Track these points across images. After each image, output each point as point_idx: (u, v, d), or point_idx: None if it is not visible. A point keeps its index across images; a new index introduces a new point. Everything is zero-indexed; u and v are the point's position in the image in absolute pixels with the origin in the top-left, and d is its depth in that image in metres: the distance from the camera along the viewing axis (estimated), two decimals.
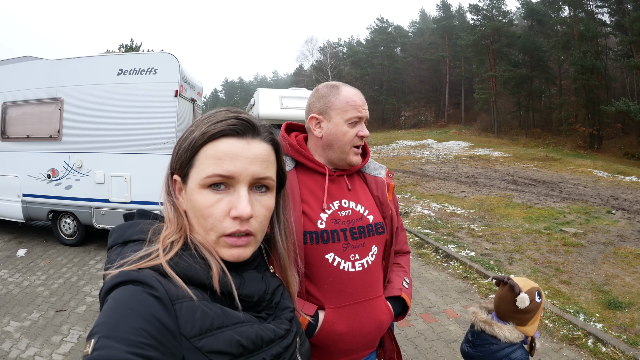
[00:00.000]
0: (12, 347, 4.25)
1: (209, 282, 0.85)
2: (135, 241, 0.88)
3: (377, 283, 1.69)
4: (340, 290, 1.58)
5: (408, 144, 36.73)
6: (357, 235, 1.62)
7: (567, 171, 20.49)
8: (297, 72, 74.01)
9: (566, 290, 5.78)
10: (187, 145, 0.90)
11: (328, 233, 1.58)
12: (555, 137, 37.74)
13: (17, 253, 7.19)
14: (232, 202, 0.88)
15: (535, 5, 43.03)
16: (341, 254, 1.58)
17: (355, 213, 1.66)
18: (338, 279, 1.58)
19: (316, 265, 1.57)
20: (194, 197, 0.89)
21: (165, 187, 0.96)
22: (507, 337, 1.96)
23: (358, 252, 1.61)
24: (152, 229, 0.90)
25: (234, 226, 0.88)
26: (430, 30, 62.35)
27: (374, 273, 1.67)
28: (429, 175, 19.12)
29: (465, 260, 6.84)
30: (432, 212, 11.06)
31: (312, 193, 1.64)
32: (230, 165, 0.88)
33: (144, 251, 0.84)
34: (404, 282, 1.80)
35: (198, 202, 0.88)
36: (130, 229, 0.91)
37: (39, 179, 7.59)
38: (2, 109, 7.81)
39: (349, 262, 1.59)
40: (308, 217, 1.58)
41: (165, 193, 0.96)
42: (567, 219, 10.20)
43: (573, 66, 35.69)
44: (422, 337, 4.57)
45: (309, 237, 1.56)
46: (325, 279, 1.57)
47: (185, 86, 7.48)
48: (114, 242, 0.90)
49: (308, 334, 1.53)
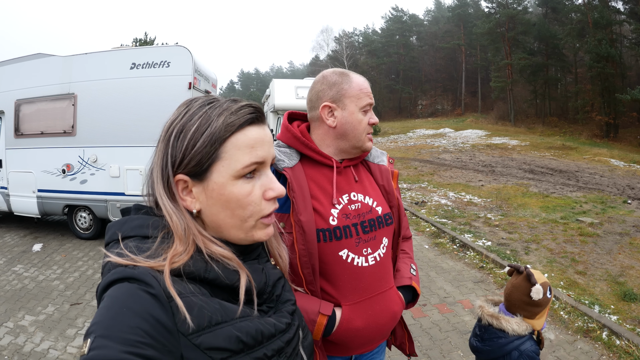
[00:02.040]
0: (27, 340, 4.28)
1: (207, 277, 0.83)
2: (131, 237, 0.85)
3: (388, 275, 1.67)
4: (355, 286, 1.56)
5: (425, 133, 36.78)
6: (368, 228, 1.60)
7: (583, 160, 20.35)
8: (313, 62, 73.72)
9: (582, 281, 5.70)
10: (207, 140, 0.86)
11: (341, 229, 1.54)
12: (571, 125, 37.23)
13: (33, 248, 7.26)
14: (265, 185, 0.91)
15: None
16: (354, 250, 1.56)
17: (365, 206, 1.62)
18: (353, 275, 1.55)
19: (330, 263, 1.53)
20: (227, 190, 0.87)
21: (166, 192, 0.88)
22: (515, 329, 1.94)
23: (370, 246, 1.59)
24: (150, 223, 0.87)
25: (271, 207, 0.93)
26: (445, 19, 61.54)
27: (385, 265, 1.65)
28: (446, 164, 19.10)
29: (481, 250, 6.77)
30: (449, 202, 11.04)
31: (321, 187, 1.59)
32: (262, 152, 0.90)
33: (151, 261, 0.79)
34: (412, 270, 1.79)
35: (236, 193, 0.88)
36: (127, 224, 0.88)
37: (54, 174, 7.67)
38: (16, 106, 7.89)
39: (362, 257, 1.57)
40: (319, 213, 1.54)
41: (167, 199, 0.87)
42: (583, 208, 10.11)
43: (588, 54, 35.01)
44: (437, 328, 4.52)
45: (321, 235, 1.52)
46: (340, 276, 1.55)
47: (199, 78, 7.49)
48: (111, 238, 0.88)
49: (326, 332, 1.51)
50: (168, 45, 7.39)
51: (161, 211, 0.88)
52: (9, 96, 8.00)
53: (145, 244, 0.83)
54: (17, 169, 8.02)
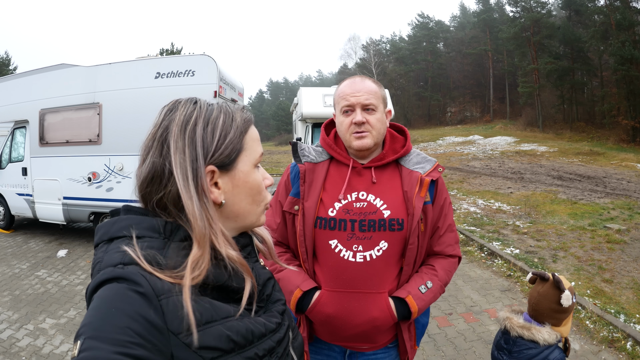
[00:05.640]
0: (46, 343, 4.32)
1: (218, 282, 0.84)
2: (120, 238, 0.84)
3: (380, 278, 1.66)
4: (337, 276, 1.65)
5: (455, 140, 36.81)
6: (365, 227, 1.65)
7: (611, 165, 20.08)
8: (342, 70, 73.80)
9: (608, 289, 5.56)
10: (236, 131, 0.92)
11: (336, 221, 1.66)
12: (599, 130, 36.65)
13: (58, 254, 7.36)
14: (263, 174, 1.00)
15: None
16: (344, 243, 1.65)
17: (371, 206, 1.67)
18: (337, 264, 1.65)
19: (320, 248, 1.69)
20: (251, 177, 0.95)
21: (195, 187, 0.84)
22: (546, 339, 1.87)
23: (362, 244, 1.65)
24: (140, 224, 0.85)
25: (269, 193, 1.04)
26: (471, 24, 61.13)
27: (379, 268, 1.65)
28: (475, 171, 19.14)
29: (509, 258, 6.65)
30: (478, 209, 10.96)
31: (335, 183, 1.72)
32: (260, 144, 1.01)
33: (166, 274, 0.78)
34: (422, 286, 1.69)
35: (257, 180, 0.97)
36: (115, 225, 0.86)
37: (80, 182, 7.79)
38: (40, 115, 8.07)
39: (350, 251, 1.65)
40: (324, 204, 1.69)
41: (195, 195, 0.83)
42: (611, 214, 9.92)
43: (612, 57, 34.32)
44: (462, 338, 4.39)
45: (319, 222, 1.68)
46: (327, 262, 1.68)
47: (224, 87, 7.52)
48: (100, 239, 0.87)
49: (302, 306, 1.67)
50: (192, 55, 7.46)
51: (157, 213, 0.88)
52: (33, 106, 8.21)
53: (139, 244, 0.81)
54: (42, 176, 8.19)
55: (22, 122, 8.63)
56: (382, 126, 1.71)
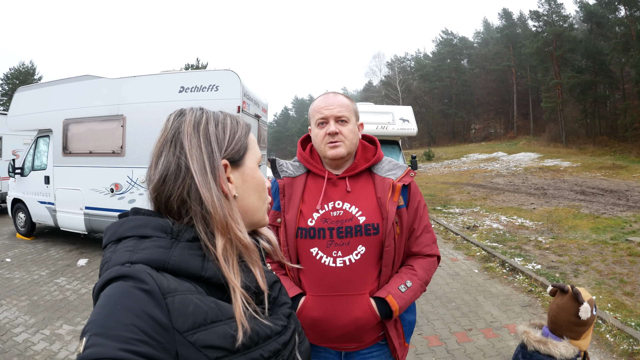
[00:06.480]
0: (62, 348, 4.36)
1: (203, 275, 0.84)
2: (128, 238, 0.86)
3: (361, 281, 1.75)
4: (320, 281, 1.75)
5: (478, 157, 36.93)
6: (342, 234, 1.75)
7: (633, 179, 20.18)
8: (367, 88, 74.13)
9: (629, 302, 5.46)
10: (242, 131, 0.99)
11: (315, 230, 1.77)
12: (621, 144, 36.35)
13: (78, 262, 7.44)
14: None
15: (593, 7, 41.77)
16: (324, 250, 1.75)
17: (347, 214, 1.78)
18: (319, 270, 1.75)
19: (303, 256, 1.79)
20: (257, 174, 1.01)
21: (213, 179, 0.89)
22: (563, 354, 1.82)
23: (341, 250, 1.75)
24: (148, 224, 0.87)
25: (269, 193, 1.11)
26: (494, 40, 61.03)
27: (358, 271, 1.75)
28: (499, 188, 19.21)
29: (530, 273, 6.55)
30: (501, 225, 10.88)
31: (313, 195, 1.84)
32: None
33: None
34: (402, 286, 1.78)
35: (262, 177, 1.02)
36: (123, 226, 0.88)
37: (102, 193, 7.88)
38: (64, 125, 8.21)
39: (330, 257, 1.74)
40: (303, 215, 1.80)
41: (215, 187, 0.88)
42: (633, 228, 9.94)
43: (634, 68, 34.29)
44: (480, 353, 4.30)
45: (300, 232, 1.78)
46: (310, 269, 1.77)
47: (248, 102, 7.55)
48: (108, 240, 0.89)
49: None
50: (216, 70, 7.55)
51: (169, 216, 0.89)
52: (57, 115, 8.36)
53: (143, 244, 0.83)
54: (64, 186, 8.32)
55: (46, 131, 8.79)
56: (355, 137, 1.83)
